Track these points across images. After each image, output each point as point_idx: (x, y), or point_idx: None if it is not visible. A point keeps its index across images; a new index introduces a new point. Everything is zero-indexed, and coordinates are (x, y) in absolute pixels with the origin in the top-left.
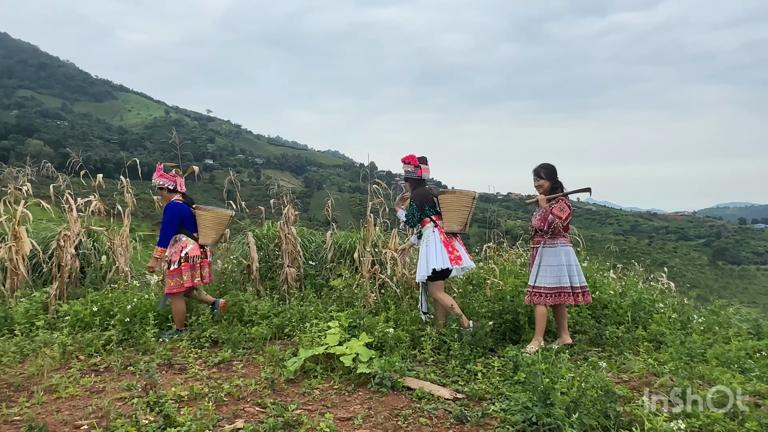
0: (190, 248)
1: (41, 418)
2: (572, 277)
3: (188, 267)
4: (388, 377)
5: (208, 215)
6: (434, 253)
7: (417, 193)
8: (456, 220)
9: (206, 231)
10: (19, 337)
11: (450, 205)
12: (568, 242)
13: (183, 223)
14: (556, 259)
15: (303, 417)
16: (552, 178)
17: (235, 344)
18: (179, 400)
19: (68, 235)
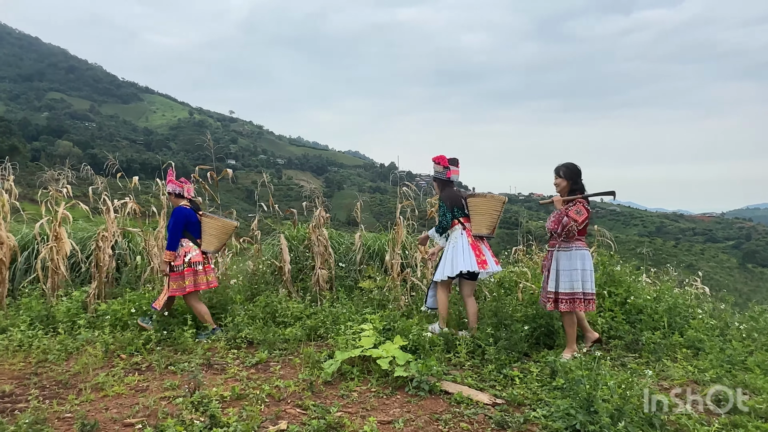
0: (194, 254)
1: (91, 415)
2: (585, 283)
3: (191, 272)
4: (426, 381)
5: (214, 224)
6: (461, 255)
7: (446, 195)
8: (485, 223)
9: (210, 239)
10: (63, 335)
11: (480, 209)
12: (585, 246)
13: (188, 228)
14: (571, 264)
15: (344, 419)
16: (571, 178)
17: (271, 345)
18: (222, 400)
19: (106, 236)
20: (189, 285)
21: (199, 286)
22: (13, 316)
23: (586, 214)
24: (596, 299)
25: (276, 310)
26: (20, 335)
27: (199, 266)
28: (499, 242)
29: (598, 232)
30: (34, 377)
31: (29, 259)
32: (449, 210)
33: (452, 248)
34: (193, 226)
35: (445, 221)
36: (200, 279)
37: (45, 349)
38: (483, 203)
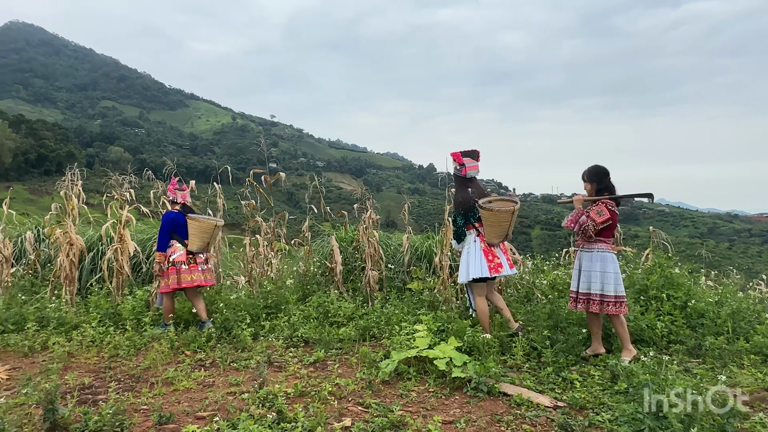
0: (178, 254)
1: (165, 408)
2: (605, 285)
3: (174, 271)
4: (484, 382)
5: (194, 224)
6: (474, 261)
7: (459, 199)
8: (495, 233)
9: (192, 239)
10: (130, 332)
11: (489, 221)
12: (608, 248)
13: (176, 230)
14: (590, 264)
15: (407, 418)
16: (595, 180)
17: (327, 345)
18: (286, 396)
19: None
20: (172, 282)
21: (181, 284)
22: (83, 314)
23: (608, 216)
24: (652, 303)
25: (329, 310)
26: (92, 331)
27: (183, 265)
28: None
29: (653, 234)
30: (109, 371)
31: (94, 259)
32: (461, 216)
33: (466, 253)
34: (180, 228)
35: (457, 227)
36: (183, 277)
37: (116, 345)
38: (491, 216)
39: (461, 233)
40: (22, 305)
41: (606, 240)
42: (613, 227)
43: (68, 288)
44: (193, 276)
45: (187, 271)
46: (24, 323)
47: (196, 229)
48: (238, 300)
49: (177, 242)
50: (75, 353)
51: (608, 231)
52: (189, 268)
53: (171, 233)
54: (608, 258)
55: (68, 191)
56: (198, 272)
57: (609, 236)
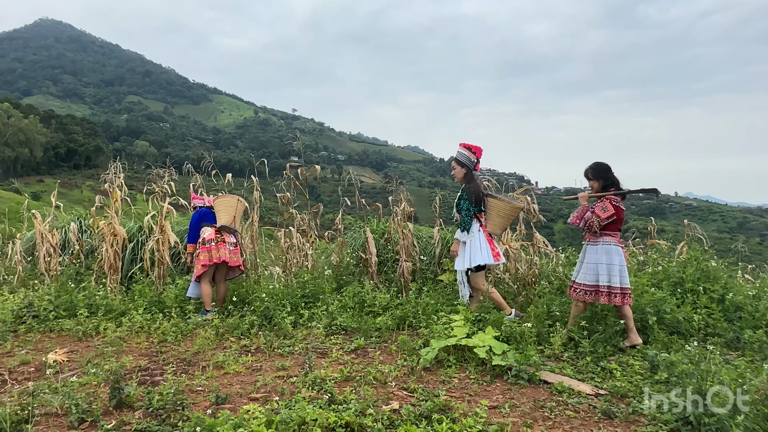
0: (207, 234)
1: (220, 390)
2: (612, 277)
3: (205, 249)
4: (524, 370)
5: (219, 201)
6: (479, 249)
7: (474, 189)
8: (501, 225)
9: (220, 215)
10: (176, 319)
11: (502, 212)
12: (615, 241)
13: (203, 219)
14: (596, 257)
15: (452, 402)
16: (599, 177)
17: (365, 333)
18: (333, 381)
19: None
20: (204, 260)
21: (212, 260)
22: (129, 301)
23: (612, 211)
24: (688, 295)
25: (365, 300)
26: (140, 318)
27: (213, 243)
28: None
29: (688, 227)
30: (161, 355)
31: (134, 249)
32: (474, 205)
33: (470, 242)
34: (206, 217)
35: (470, 217)
36: (213, 255)
37: (163, 331)
38: (505, 208)
39: (470, 223)
40: (72, 293)
41: (612, 234)
42: (619, 222)
43: (112, 277)
44: (220, 252)
45: (215, 248)
46: (75, 309)
47: (221, 205)
48: (276, 290)
49: (207, 227)
50: (126, 338)
51: (614, 225)
52: (217, 246)
53: (200, 224)
54: (613, 251)
55: (112, 184)
56: (225, 249)
57: (615, 230)
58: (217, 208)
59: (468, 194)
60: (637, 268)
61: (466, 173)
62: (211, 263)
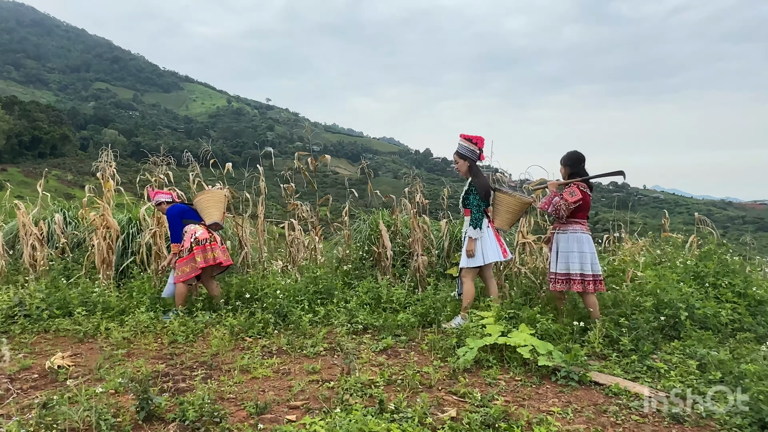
0: (200, 232)
1: (252, 397)
2: (584, 265)
3: (200, 250)
4: (574, 371)
5: (206, 196)
6: (489, 245)
7: (482, 183)
8: (509, 220)
9: (210, 211)
10: (183, 318)
11: (510, 207)
12: (584, 229)
13: (185, 216)
14: (567, 246)
15: (511, 408)
16: (568, 165)
17: (389, 331)
18: (374, 384)
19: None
20: (200, 262)
21: (208, 262)
22: (126, 298)
23: (580, 196)
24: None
25: (380, 296)
26: (144, 317)
27: (206, 243)
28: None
29: (698, 220)
30: (176, 358)
31: (125, 243)
32: (484, 200)
33: (480, 238)
34: (188, 213)
35: (480, 213)
36: (208, 255)
37: (172, 331)
38: (513, 203)
39: (482, 219)
40: (65, 290)
41: (581, 221)
42: (586, 208)
43: (105, 272)
44: (215, 253)
45: (210, 248)
46: (69, 308)
47: (210, 201)
48: (288, 285)
49: (193, 224)
50: (132, 339)
51: (582, 212)
52: (211, 246)
53: (182, 222)
54: (584, 239)
55: (104, 173)
56: (218, 250)
57: (583, 218)
58: (204, 204)
59: (477, 189)
60: (652, 261)
61: (470, 166)
62: (207, 265)
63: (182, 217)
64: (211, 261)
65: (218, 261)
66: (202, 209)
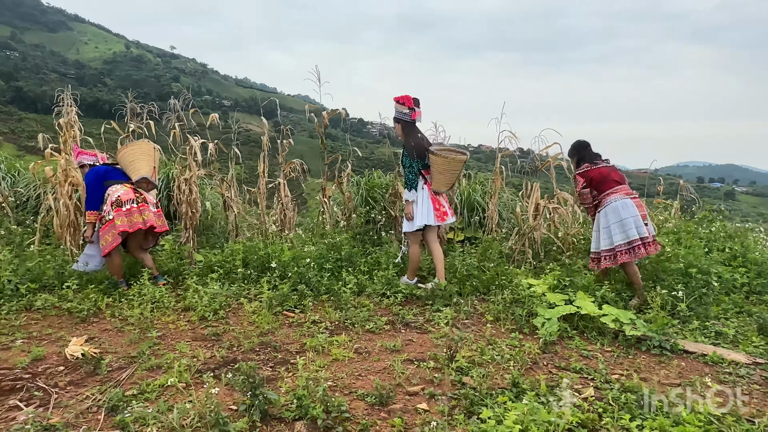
0: (123, 192)
1: (354, 384)
2: (628, 230)
3: (122, 213)
4: (665, 340)
5: (129, 149)
6: (421, 209)
7: (413, 144)
8: (444, 182)
9: (136, 165)
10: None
11: (441, 168)
12: (619, 196)
13: (107, 176)
14: (606, 220)
15: (629, 383)
16: (573, 154)
17: (440, 301)
18: (477, 364)
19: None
20: (121, 225)
21: (135, 225)
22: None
23: (581, 181)
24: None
25: (404, 262)
26: (151, 290)
27: (130, 204)
28: None
29: (683, 188)
30: (225, 340)
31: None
32: (417, 160)
33: (415, 200)
34: (111, 173)
35: (413, 174)
36: (135, 219)
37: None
38: (444, 164)
39: (416, 181)
40: (37, 260)
41: (615, 190)
42: (605, 179)
43: (71, 237)
44: (144, 216)
45: (137, 210)
46: (45, 281)
47: (135, 153)
48: (309, 252)
49: (115, 184)
50: (151, 317)
51: (607, 184)
52: (139, 208)
53: (102, 184)
54: (619, 206)
55: (68, 119)
56: (149, 212)
57: (612, 186)
58: (129, 157)
59: (407, 150)
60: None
61: (403, 127)
62: (133, 230)
63: (103, 179)
64: (140, 225)
65: (149, 224)
66: (127, 165)
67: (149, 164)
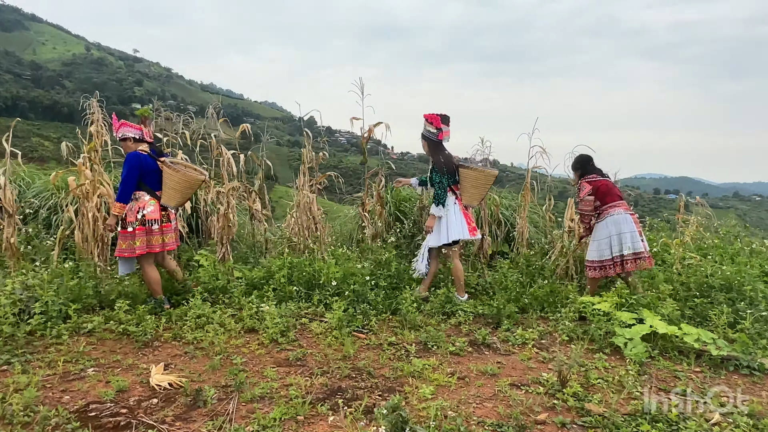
0: (149, 210)
1: (474, 412)
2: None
3: (143, 231)
4: (750, 360)
5: (176, 176)
6: (454, 223)
7: (442, 160)
8: (477, 196)
9: (171, 192)
10: (250, 309)
11: (474, 182)
12: (619, 210)
13: (144, 177)
14: (605, 231)
15: (754, 406)
16: (576, 168)
17: (508, 320)
18: (592, 387)
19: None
20: (140, 246)
21: (153, 248)
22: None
23: (588, 187)
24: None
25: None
26: (207, 310)
27: (154, 225)
28: None
29: (699, 203)
30: (306, 363)
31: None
32: (445, 176)
33: (446, 215)
34: (150, 175)
35: (442, 190)
36: (154, 240)
37: (253, 326)
38: (479, 177)
39: (444, 196)
40: (79, 279)
41: (616, 204)
42: (610, 191)
43: (99, 252)
44: (165, 238)
45: (158, 231)
46: (85, 300)
47: (179, 184)
48: (363, 269)
49: (146, 194)
50: (220, 341)
51: (610, 196)
52: (161, 228)
53: (138, 181)
54: (620, 220)
55: (98, 125)
56: (170, 234)
57: (614, 200)
58: (170, 182)
59: (436, 166)
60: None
61: (429, 145)
62: (153, 252)
63: (141, 177)
64: (157, 248)
65: (167, 248)
66: (167, 185)
67: (184, 197)
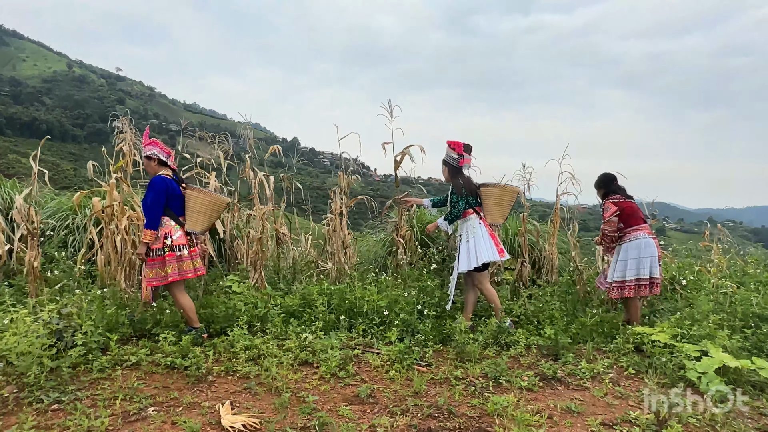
0: (177, 236)
1: None
2: (641, 269)
3: (173, 257)
4: None
5: (203, 199)
6: (483, 245)
7: (461, 183)
8: (501, 214)
9: (197, 216)
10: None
11: (497, 199)
12: (643, 234)
13: (169, 202)
14: (626, 254)
15: None
16: (600, 186)
17: (564, 351)
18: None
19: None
20: (172, 273)
21: (185, 273)
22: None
23: (614, 208)
24: None
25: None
26: (257, 341)
27: (183, 250)
28: None
29: (722, 232)
30: (378, 400)
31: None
32: (463, 198)
33: (473, 238)
34: (175, 200)
35: (457, 210)
36: (186, 265)
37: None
38: (502, 194)
39: (458, 216)
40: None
41: (640, 227)
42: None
43: (126, 277)
44: (195, 263)
45: (188, 257)
46: (119, 329)
47: (205, 206)
48: (406, 298)
49: (171, 219)
50: (279, 377)
51: (634, 219)
52: (189, 254)
53: (163, 205)
54: (642, 244)
55: (129, 144)
56: (198, 258)
57: (638, 223)
58: (195, 206)
59: (455, 188)
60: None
61: (450, 170)
62: (185, 278)
63: (167, 198)
64: (190, 273)
65: (199, 273)
66: (189, 208)
67: (210, 221)
